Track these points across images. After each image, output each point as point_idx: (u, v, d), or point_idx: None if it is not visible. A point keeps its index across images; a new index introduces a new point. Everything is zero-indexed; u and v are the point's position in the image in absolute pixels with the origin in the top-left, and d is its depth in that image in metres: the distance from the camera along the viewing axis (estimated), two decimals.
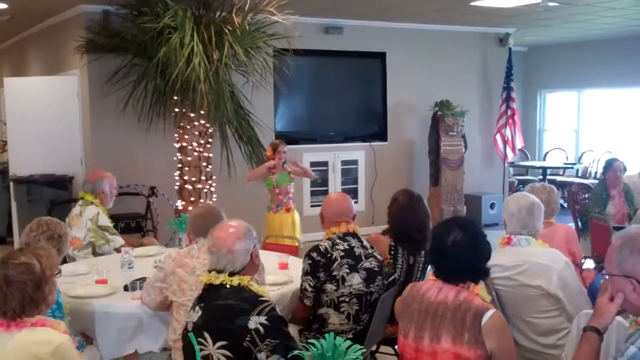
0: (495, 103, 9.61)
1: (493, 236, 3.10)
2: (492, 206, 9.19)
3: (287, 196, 5.93)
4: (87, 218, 4.29)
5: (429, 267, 3.76)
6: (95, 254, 4.26)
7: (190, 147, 6.26)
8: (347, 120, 8.67)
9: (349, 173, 8.70)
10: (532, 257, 2.98)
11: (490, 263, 2.64)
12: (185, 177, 6.28)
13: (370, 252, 3.26)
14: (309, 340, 2.04)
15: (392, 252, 3.57)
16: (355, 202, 7.65)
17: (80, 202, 4.43)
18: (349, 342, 1.95)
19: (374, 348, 3.57)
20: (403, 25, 8.65)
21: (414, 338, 2.35)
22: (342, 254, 3.17)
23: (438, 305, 2.32)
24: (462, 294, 2.30)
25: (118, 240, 4.38)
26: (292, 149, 8.13)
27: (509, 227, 3.12)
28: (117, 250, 4.29)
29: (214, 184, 6.45)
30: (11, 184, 7.29)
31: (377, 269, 3.24)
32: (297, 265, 3.61)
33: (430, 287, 2.39)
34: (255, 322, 2.29)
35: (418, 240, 3.53)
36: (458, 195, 8.82)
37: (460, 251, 2.31)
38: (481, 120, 9.66)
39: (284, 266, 3.85)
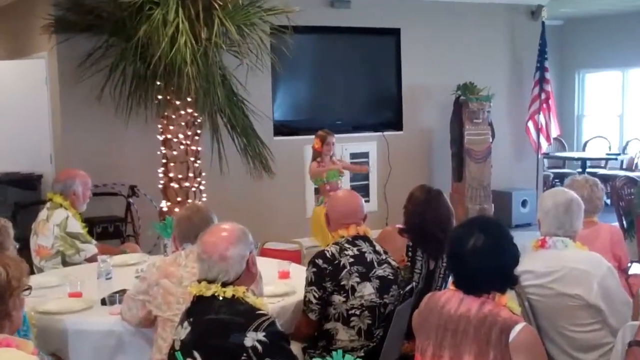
0: (527, 85, 9.59)
1: (525, 238, 3.12)
2: (523, 204, 9.19)
3: (336, 190, 6.17)
4: (54, 224, 4.29)
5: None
6: (65, 264, 4.26)
7: (175, 140, 6.27)
8: (355, 107, 8.67)
9: None
10: (569, 262, 2.98)
11: (521, 269, 2.64)
12: (171, 174, 6.29)
13: (383, 257, 3.27)
14: None
15: (410, 255, 3.59)
16: (366, 201, 7.61)
17: (47, 204, 4.42)
18: None
19: None
20: None
21: (432, 356, 2.35)
22: (352, 260, 3.18)
23: (459, 319, 2.32)
24: (487, 306, 2.30)
25: (90, 249, 4.37)
26: (292, 141, 8.17)
27: (544, 228, 3.12)
28: (90, 260, 4.28)
29: (203, 182, 6.46)
30: None
31: (391, 277, 3.25)
32: (300, 273, 3.62)
33: (450, 298, 2.39)
34: (253, 338, 2.30)
35: (440, 241, 3.53)
36: (484, 191, 8.82)
37: (482, 257, 2.31)
38: (511, 105, 9.63)
39: (285, 275, 3.86)
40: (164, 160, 6.35)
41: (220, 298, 2.38)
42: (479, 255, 2.31)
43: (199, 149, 6.43)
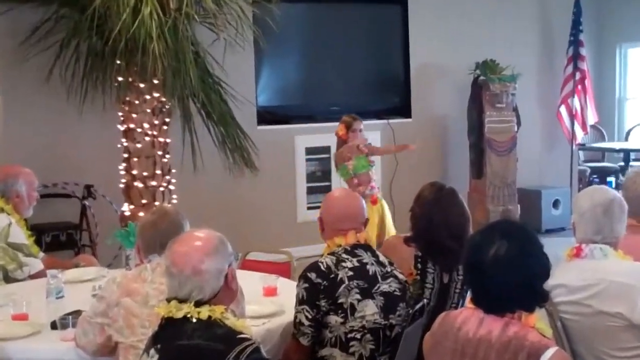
0: (559, 63, 9.61)
1: (557, 246, 3.12)
2: (555, 204, 9.23)
3: (369, 185, 6.44)
4: None
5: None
6: (8, 280, 4.24)
7: (139, 130, 6.26)
8: (355, 91, 8.69)
9: None
10: (609, 275, 2.98)
11: (553, 282, 2.65)
12: (134, 172, 6.28)
13: (389, 270, 3.28)
14: None
15: (420, 267, 3.60)
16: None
17: None
18: None
19: None
20: None
21: None
22: (351, 273, 3.18)
23: (479, 342, 2.32)
24: (512, 328, 2.30)
25: (35, 264, 4.33)
26: (280, 131, 8.17)
27: (579, 233, 3.13)
28: (34, 277, 4.26)
29: (173, 180, 6.46)
30: None
31: (398, 294, 3.26)
32: (289, 290, 3.62)
33: (468, 317, 2.39)
34: None
35: (454, 251, 3.54)
36: (509, 190, 8.85)
37: (505, 269, 2.31)
38: (540, 87, 9.66)
39: (271, 292, 3.86)
40: (125, 155, 6.33)
41: (194, 320, 2.38)
42: (502, 267, 2.31)
43: (168, 140, 6.42)
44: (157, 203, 6.24)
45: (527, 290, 2.35)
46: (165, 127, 6.39)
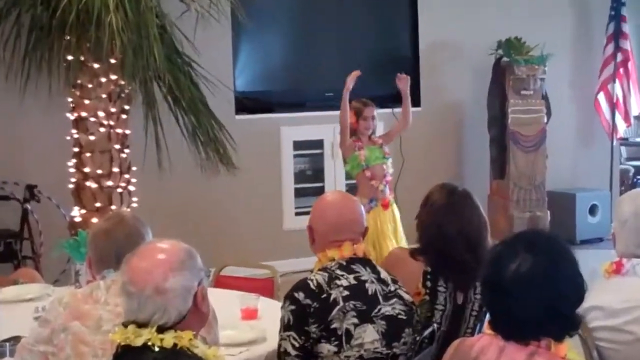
0: (597, 41, 9.63)
1: (594, 260, 3.11)
2: (592, 210, 9.24)
3: (383, 180, 6.43)
4: None
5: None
6: None
7: (93, 120, 6.25)
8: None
9: None
10: None
11: (588, 304, 2.64)
12: (86, 169, 6.27)
13: (392, 289, 3.27)
14: None
15: (429, 285, 3.60)
16: None
17: None
18: None
19: None
20: None
21: None
22: (347, 293, 3.17)
23: None
24: (538, 358, 2.30)
25: None
26: (262, 121, 8.16)
27: (620, 245, 3.13)
28: None
29: (133, 180, 6.45)
30: None
31: (403, 317, 3.25)
32: (272, 312, 3.61)
33: (486, 346, 2.39)
34: None
35: (470, 266, 3.54)
36: (537, 193, 8.87)
37: (528, 289, 2.30)
38: (574, 70, 9.67)
39: (250, 314, 3.86)
40: (76, 149, 6.32)
41: (156, 349, 2.37)
42: (524, 286, 2.30)
43: (127, 132, 6.41)
44: (113, 207, 6.23)
45: (556, 313, 2.34)
46: (124, 116, 6.37)
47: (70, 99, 6.33)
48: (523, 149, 8.78)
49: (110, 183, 6.29)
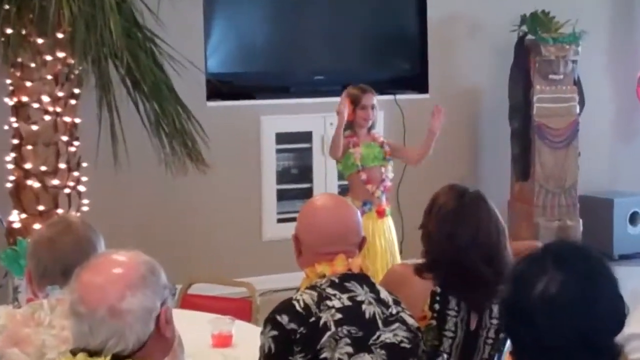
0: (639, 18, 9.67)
1: (635, 278, 3.13)
2: (633, 219, 9.28)
3: (380, 185, 6.44)
4: None
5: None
6: None
7: (36, 106, 6.25)
8: (348, 54, 8.75)
9: None
10: None
11: (628, 331, 2.64)
12: (27, 165, 6.27)
13: (394, 312, 3.28)
14: None
15: (438, 307, 3.62)
16: None
17: None
18: None
19: None
20: None
21: None
22: (339, 316, 3.17)
23: None
24: None
25: None
26: (239, 109, 8.16)
27: None
28: None
29: (84, 179, 6.44)
30: None
31: (407, 346, 3.25)
32: (250, 338, 3.62)
33: None
34: None
35: (487, 280, 3.57)
36: (567, 198, 8.90)
37: (557, 313, 2.29)
38: (612, 52, 9.70)
39: (223, 341, 3.88)
40: (15, 141, 6.33)
41: None
42: (554, 310, 2.30)
43: (77, 121, 6.41)
44: (60, 211, 6.23)
45: (590, 344, 2.34)
46: (73, 102, 6.37)
47: (8, 81, 6.33)
48: (551, 145, 8.81)
49: (56, 182, 6.29)
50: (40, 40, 6.16)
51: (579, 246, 2.48)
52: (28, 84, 6.23)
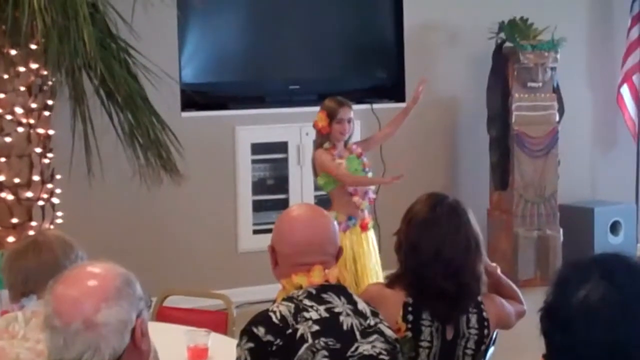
0: (619, 24, 9.69)
1: None
2: (614, 228, 9.30)
3: (366, 196, 6.46)
4: None
5: (491, 349, 3.81)
6: None
7: (10, 118, 6.24)
8: (324, 63, 8.76)
9: None
10: None
11: None
12: (0, 178, 6.26)
13: (372, 323, 3.28)
14: None
15: (411, 318, 3.64)
16: None
17: None
18: None
19: None
20: None
21: None
22: (317, 328, 3.18)
23: None
24: None
25: None
26: (214, 120, 8.17)
27: None
28: None
29: (58, 191, 6.43)
30: None
31: (385, 357, 3.25)
32: (226, 350, 3.63)
33: None
34: None
35: (448, 294, 3.60)
36: (547, 206, 8.91)
37: (596, 322, 2.25)
38: (591, 58, 9.73)
39: (199, 354, 3.87)
40: None
41: None
42: (592, 317, 2.27)
43: (51, 132, 6.40)
44: (33, 223, 6.22)
45: (623, 358, 2.30)
46: (46, 113, 6.37)
47: None
48: (530, 153, 8.81)
49: (29, 194, 6.28)
50: (13, 52, 6.16)
51: (627, 259, 2.47)
52: (1, 95, 6.22)
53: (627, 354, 2.29)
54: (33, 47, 6.15)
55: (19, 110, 6.22)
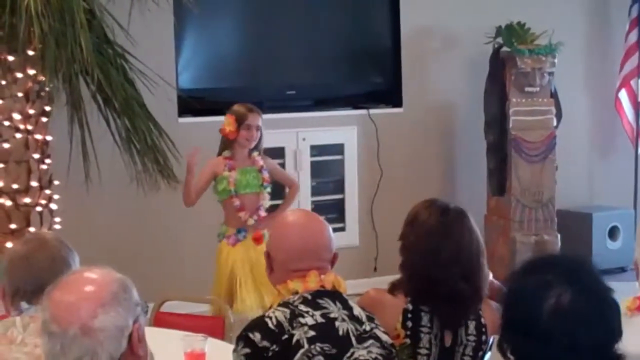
0: (617, 29, 9.69)
1: (615, 294, 3.17)
2: (612, 233, 9.30)
3: (255, 213, 6.24)
4: None
5: (488, 354, 3.83)
6: None
7: (7, 124, 6.24)
8: (321, 68, 8.76)
9: (327, 171, 8.78)
10: None
11: None
12: None
13: (367, 328, 3.29)
14: None
15: (410, 324, 3.64)
16: (338, 230, 7.63)
17: None
18: None
19: None
20: None
21: None
22: (312, 334, 3.18)
23: None
24: None
25: None
26: (211, 125, 8.15)
27: None
28: None
29: (56, 196, 6.44)
30: None
31: None
32: (222, 356, 3.63)
33: None
34: None
35: (463, 298, 3.61)
36: (545, 212, 8.89)
37: (575, 325, 2.30)
38: (589, 63, 9.72)
39: (196, 359, 3.86)
40: None
41: None
42: (570, 322, 2.31)
43: (49, 138, 6.40)
44: (32, 229, 6.22)
45: (601, 355, 2.35)
46: (44, 119, 6.37)
47: None
48: (527, 158, 8.79)
49: (27, 200, 6.28)
50: (10, 58, 6.16)
51: (583, 260, 2.48)
52: None
53: (604, 350, 2.34)
54: (30, 53, 6.15)
55: (16, 116, 6.23)
